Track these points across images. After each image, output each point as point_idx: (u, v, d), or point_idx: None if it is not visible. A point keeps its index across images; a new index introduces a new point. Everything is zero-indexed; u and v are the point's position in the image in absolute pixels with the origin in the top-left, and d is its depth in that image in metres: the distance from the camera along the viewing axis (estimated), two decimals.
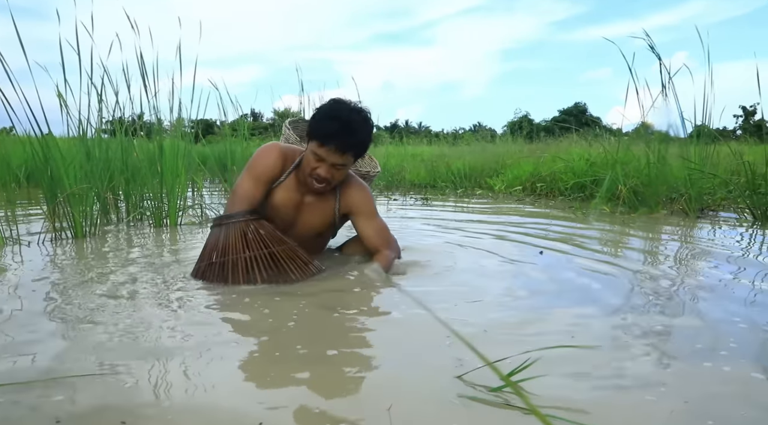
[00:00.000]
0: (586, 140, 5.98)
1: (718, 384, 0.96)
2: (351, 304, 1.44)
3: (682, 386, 0.94)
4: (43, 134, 2.49)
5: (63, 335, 1.20)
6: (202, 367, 1.01)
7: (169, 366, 1.01)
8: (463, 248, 2.25)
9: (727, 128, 26.09)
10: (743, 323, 1.29)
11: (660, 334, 1.21)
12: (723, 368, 1.02)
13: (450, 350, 1.09)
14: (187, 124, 3.72)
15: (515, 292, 1.58)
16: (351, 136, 1.61)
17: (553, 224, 3.02)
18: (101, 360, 1.04)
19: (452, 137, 19.48)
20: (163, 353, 1.08)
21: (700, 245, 2.41)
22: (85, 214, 2.61)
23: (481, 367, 0.94)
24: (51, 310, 1.37)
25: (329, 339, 1.18)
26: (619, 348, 1.13)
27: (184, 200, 3.24)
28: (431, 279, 1.74)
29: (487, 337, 1.18)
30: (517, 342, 1.12)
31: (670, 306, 1.44)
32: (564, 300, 1.51)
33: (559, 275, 1.79)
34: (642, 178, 3.64)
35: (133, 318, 1.29)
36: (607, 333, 1.22)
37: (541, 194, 4.76)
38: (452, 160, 5.87)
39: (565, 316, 1.35)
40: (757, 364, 1.04)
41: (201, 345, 1.12)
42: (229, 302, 1.45)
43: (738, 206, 3.64)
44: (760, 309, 1.41)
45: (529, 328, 1.25)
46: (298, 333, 1.21)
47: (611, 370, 1.02)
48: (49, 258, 2.09)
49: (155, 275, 1.74)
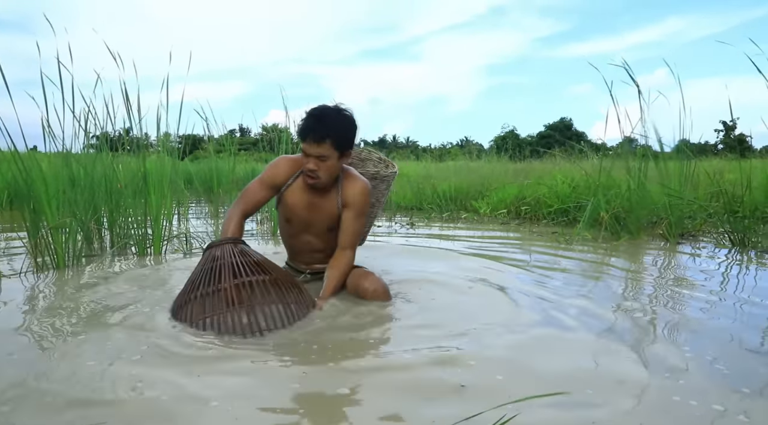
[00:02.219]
0: (570, 161, 6.09)
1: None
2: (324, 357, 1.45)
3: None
4: (24, 151, 2.49)
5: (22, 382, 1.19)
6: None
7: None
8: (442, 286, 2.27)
9: (708, 143, 26.64)
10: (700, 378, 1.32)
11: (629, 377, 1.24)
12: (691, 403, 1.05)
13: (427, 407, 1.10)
14: (174, 139, 3.72)
15: (492, 330, 1.60)
16: (321, 125, 1.80)
17: (535, 253, 3.06)
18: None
19: (439, 152, 19.64)
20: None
21: (672, 278, 2.47)
22: (67, 247, 2.59)
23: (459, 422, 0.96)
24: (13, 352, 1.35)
25: (297, 399, 1.19)
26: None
27: (169, 227, 3.23)
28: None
29: (461, 390, 1.19)
30: (492, 393, 1.15)
31: (641, 345, 1.47)
32: (541, 342, 1.53)
33: (534, 314, 1.81)
34: (623, 203, 3.71)
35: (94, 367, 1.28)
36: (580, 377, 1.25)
37: (526, 218, 4.81)
38: (438, 182, 5.92)
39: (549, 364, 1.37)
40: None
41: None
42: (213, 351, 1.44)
43: (717, 230, 3.73)
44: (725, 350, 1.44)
45: (508, 378, 1.26)
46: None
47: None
48: (28, 294, 2.07)
49: (133, 312, 1.73)
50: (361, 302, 1.89)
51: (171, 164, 3.33)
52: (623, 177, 3.87)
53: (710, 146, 23.83)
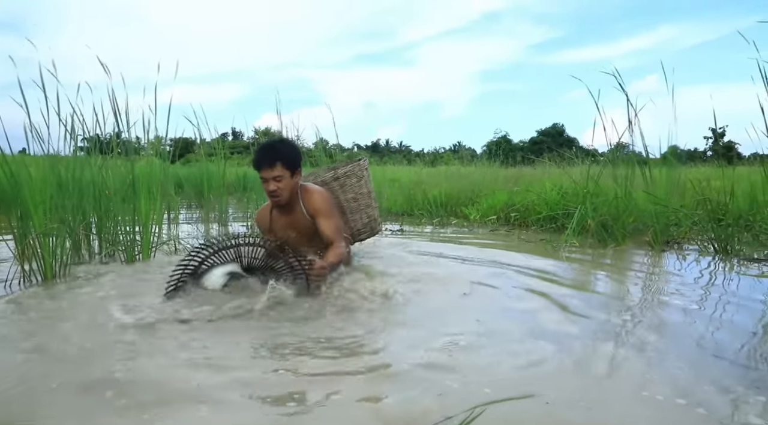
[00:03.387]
0: (560, 166, 6.14)
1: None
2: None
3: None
4: (14, 154, 2.49)
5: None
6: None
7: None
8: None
9: (698, 149, 26.95)
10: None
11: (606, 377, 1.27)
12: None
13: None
14: (165, 143, 3.73)
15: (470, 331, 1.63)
16: (270, 152, 2.25)
17: (522, 259, 3.10)
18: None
19: (432, 157, 19.71)
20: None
21: (653, 284, 2.53)
22: (55, 254, 2.58)
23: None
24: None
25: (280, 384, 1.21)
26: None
27: (159, 232, 3.23)
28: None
29: (438, 389, 1.22)
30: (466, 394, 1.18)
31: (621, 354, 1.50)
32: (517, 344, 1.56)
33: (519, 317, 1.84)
34: (610, 211, 3.76)
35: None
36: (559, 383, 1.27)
37: (515, 224, 4.85)
38: (429, 187, 5.96)
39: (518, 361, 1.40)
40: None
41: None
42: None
43: (701, 237, 3.78)
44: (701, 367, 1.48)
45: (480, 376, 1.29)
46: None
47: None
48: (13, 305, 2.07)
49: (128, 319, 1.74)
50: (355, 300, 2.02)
51: (161, 168, 3.33)
52: (610, 185, 3.92)
53: (699, 153, 24.11)
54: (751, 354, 1.54)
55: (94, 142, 3.19)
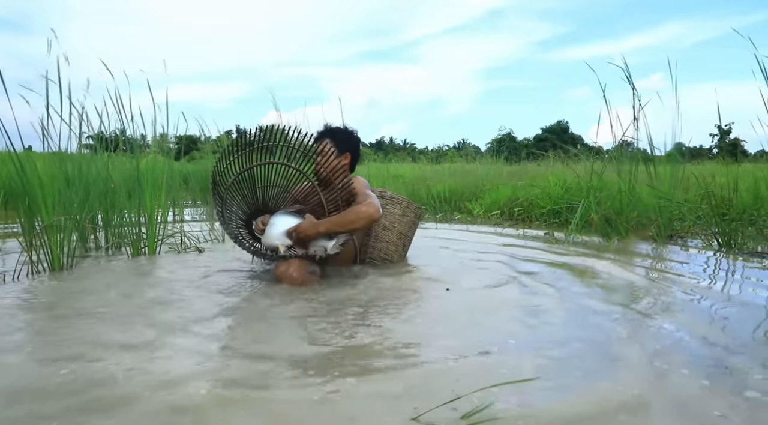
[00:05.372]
0: (564, 163, 6.14)
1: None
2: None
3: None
4: (22, 150, 2.52)
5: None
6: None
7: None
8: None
9: (703, 147, 26.82)
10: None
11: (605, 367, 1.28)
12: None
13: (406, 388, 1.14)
14: (171, 140, 3.78)
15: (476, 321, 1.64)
16: (323, 130, 2.62)
17: (525, 252, 3.11)
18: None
19: (436, 155, 19.71)
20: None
21: (654, 277, 2.52)
22: (62, 246, 2.62)
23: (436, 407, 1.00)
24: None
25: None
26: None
27: (164, 225, 3.27)
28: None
29: (443, 376, 1.23)
30: (472, 376, 1.20)
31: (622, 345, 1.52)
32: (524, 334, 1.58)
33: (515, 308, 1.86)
34: (614, 206, 3.76)
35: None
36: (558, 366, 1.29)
37: (519, 219, 4.86)
38: (433, 183, 5.98)
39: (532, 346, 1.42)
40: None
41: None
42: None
43: (705, 232, 3.78)
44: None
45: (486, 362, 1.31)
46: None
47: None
48: (22, 295, 2.10)
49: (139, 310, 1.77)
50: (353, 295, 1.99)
51: (166, 164, 3.37)
52: (614, 180, 3.93)
53: (705, 150, 24.00)
54: (758, 335, 1.55)
55: (99, 139, 3.23)
